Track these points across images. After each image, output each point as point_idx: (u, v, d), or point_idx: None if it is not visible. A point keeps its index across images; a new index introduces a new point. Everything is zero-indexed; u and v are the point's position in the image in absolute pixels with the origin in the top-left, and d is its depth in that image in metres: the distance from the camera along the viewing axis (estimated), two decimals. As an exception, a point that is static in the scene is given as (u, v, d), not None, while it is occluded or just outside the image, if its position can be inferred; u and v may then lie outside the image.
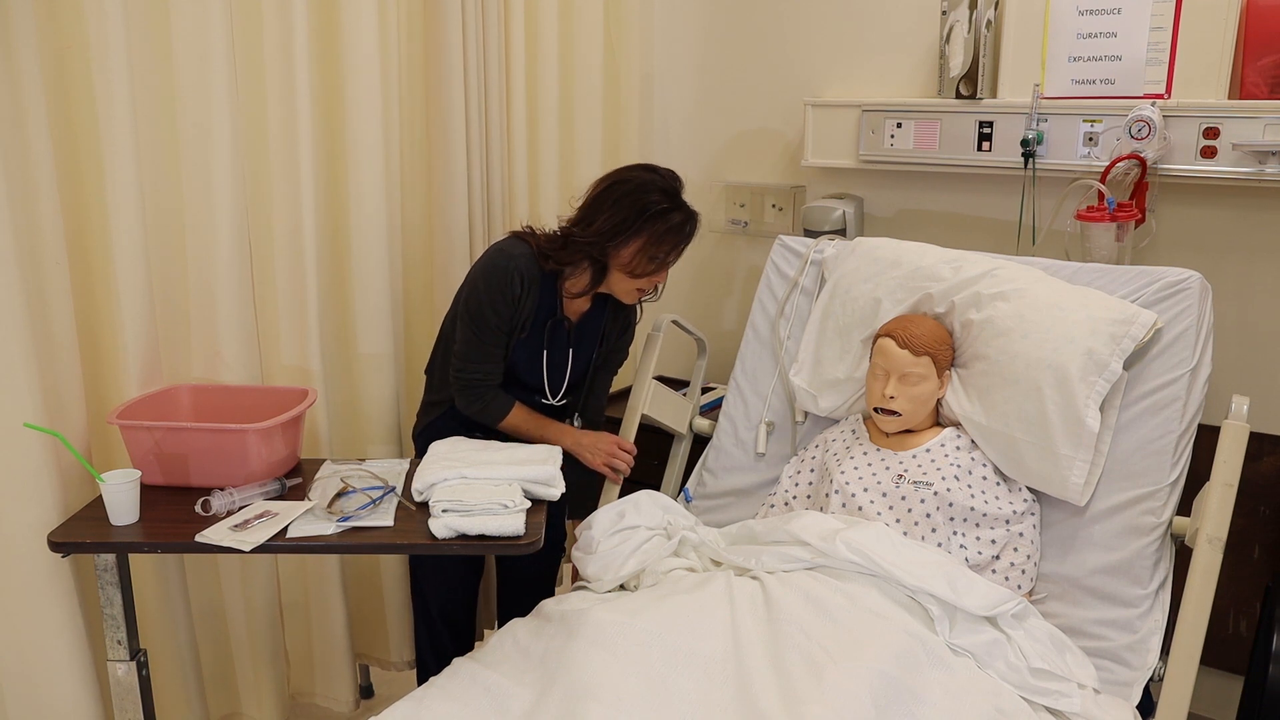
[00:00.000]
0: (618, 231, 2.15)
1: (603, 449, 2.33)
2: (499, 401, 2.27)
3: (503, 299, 2.19)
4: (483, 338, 2.22)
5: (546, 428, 2.31)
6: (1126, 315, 2.10)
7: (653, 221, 2.15)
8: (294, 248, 2.31)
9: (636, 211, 2.14)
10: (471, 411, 2.27)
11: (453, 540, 1.86)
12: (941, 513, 2.08)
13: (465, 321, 2.22)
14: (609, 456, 2.33)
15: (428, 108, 2.57)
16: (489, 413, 2.27)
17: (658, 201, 2.16)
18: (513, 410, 2.28)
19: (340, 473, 2.08)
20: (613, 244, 2.16)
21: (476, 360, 2.24)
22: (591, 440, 2.32)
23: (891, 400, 2.18)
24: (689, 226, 2.20)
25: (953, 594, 1.84)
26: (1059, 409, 2.08)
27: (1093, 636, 2.00)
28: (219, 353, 2.23)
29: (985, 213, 2.81)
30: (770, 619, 1.81)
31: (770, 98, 3.12)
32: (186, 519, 1.88)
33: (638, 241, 2.16)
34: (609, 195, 2.17)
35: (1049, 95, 2.57)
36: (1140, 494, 2.06)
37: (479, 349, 2.23)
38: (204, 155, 2.13)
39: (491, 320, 2.20)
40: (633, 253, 2.17)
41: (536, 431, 2.30)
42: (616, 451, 2.34)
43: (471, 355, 2.23)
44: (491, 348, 2.23)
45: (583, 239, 2.17)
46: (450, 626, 2.50)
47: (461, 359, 2.24)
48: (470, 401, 2.26)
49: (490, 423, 2.28)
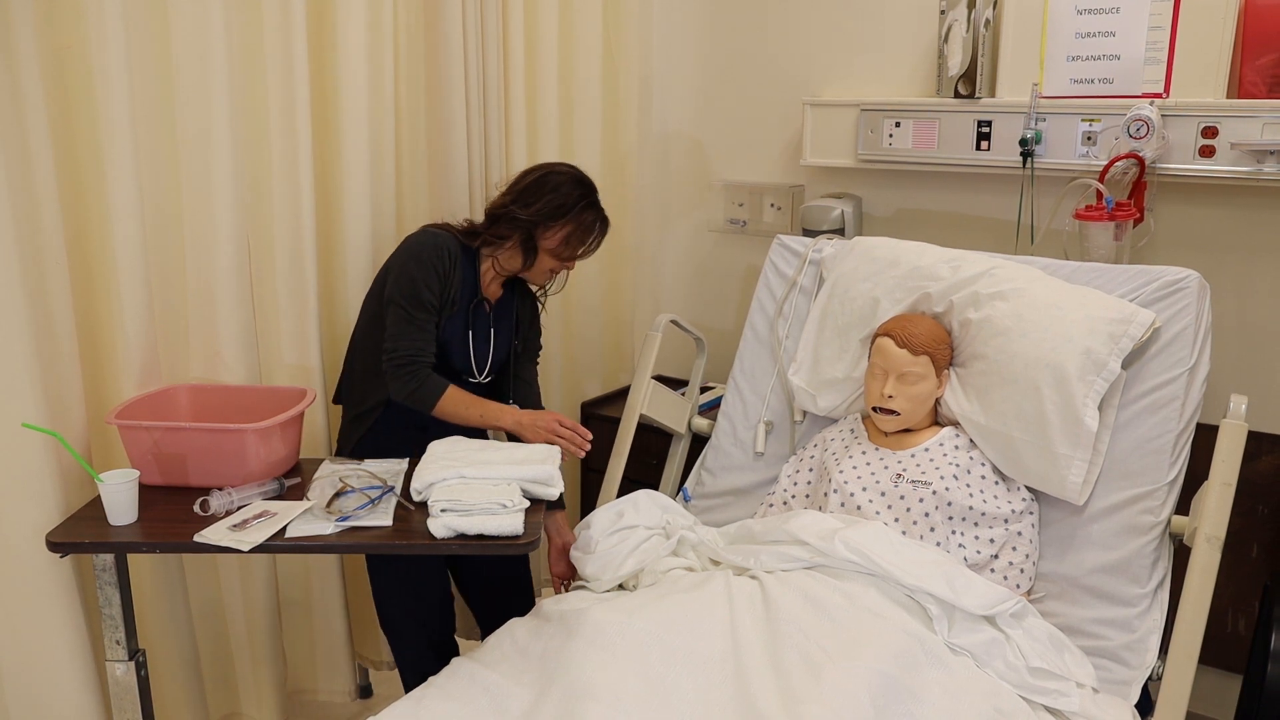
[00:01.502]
0: (556, 214, 2.25)
1: (543, 426, 2.25)
2: (433, 382, 2.21)
3: (434, 274, 2.22)
4: (415, 315, 2.20)
5: (486, 407, 2.25)
6: (1125, 314, 2.10)
7: (585, 211, 2.28)
8: (293, 247, 2.31)
9: (576, 198, 2.27)
10: (405, 394, 2.20)
11: (451, 540, 1.85)
12: (940, 512, 2.08)
13: (396, 304, 2.21)
14: (549, 434, 2.24)
15: (428, 104, 2.57)
16: (423, 393, 2.20)
17: (590, 195, 2.31)
18: (448, 391, 2.22)
19: (339, 472, 2.07)
20: (548, 225, 2.26)
21: (409, 337, 2.20)
22: (532, 418, 2.26)
23: (890, 399, 2.17)
24: (605, 226, 2.35)
25: (951, 593, 1.83)
26: (1057, 408, 2.08)
27: (1091, 635, 2.00)
28: (218, 352, 2.23)
29: (984, 212, 2.81)
30: (769, 618, 1.81)
31: (769, 97, 3.12)
32: (185, 519, 1.88)
33: (569, 227, 2.27)
34: (549, 181, 2.29)
35: (1047, 94, 2.57)
36: (1139, 493, 2.06)
37: (411, 325, 2.20)
38: (203, 154, 2.13)
39: (425, 296, 2.21)
40: (563, 237, 2.27)
41: (475, 410, 2.23)
42: (557, 428, 2.25)
43: (403, 333, 2.20)
44: (425, 325, 2.22)
45: (523, 215, 2.25)
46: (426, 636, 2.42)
47: (393, 340, 2.20)
48: (404, 382, 2.20)
49: (426, 405, 2.21)
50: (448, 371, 2.31)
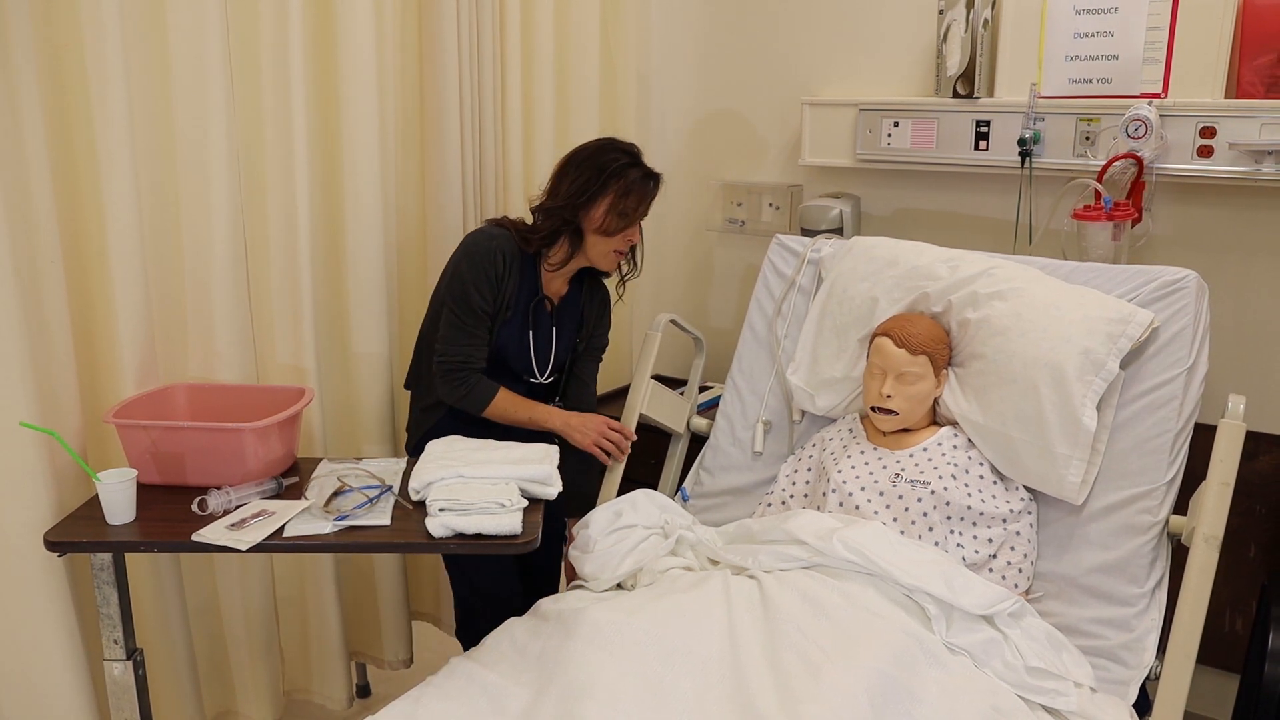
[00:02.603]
0: (583, 191, 2.22)
1: (592, 428, 2.32)
2: (483, 386, 2.25)
3: (486, 279, 2.22)
4: (466, 320, 2.22)
5: (534, 409, 2.30)
6: (1123, 314, 2.11)
7: (616, 177, 2.22)
8: (289, 246, 2.31)
9: (598, 169, 2.22)
10: (455, 398, 2.25)
11: (449, 539, 1.85)
12: (939, 511, 2.08)
13: (449, 307, 2.23)
14: (599, 436, 2.32)
15: (423, 106, 2.57)
16: (473, 398, 2.24)
17: (617, 158, 2.24)
18: (497, 396, 2.26)
19: (337, 472, 2.07)
20: (582, 205, 2.23)
21: (459, 343, 2.23)
22: (580, 420, 2.32)
23: (888, 399, 2.18)
24: (652, 181, 2.27)
25: (950, 593, 1.84)
26: (1056, 408, 2.08)
27: (1089, 635, 2.00)
28: (215, 351, 2.23)
29: (982, 212, 2.81)
30: (767, 618, 1.81)
31: (767, 97, 3.12)
32: (183, 518, 1.88)
33: (606, 199, 2.22)
34: (570, 162, 2.27)
35: (1046, 94, 2.57)
36: (1137, 493, 2.06)
37: (462, 331, 2.23)
38: (200, 152, 2.12)
39: (476, 300, 2.22)
40: (603, 211, 2.23)
41: (524, 413, 2.28)
42: (606, 431, 2.33)
43: (454, 338, 2.23)
44: (475, 330, 2.24)
45: (553, 205, 2.25)
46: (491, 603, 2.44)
47: (445, 343, 2.24)
48: (454, 387, 2.24)
49: (475, 409, 2.25)
50: (505, 373, 2.32)
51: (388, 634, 2.72)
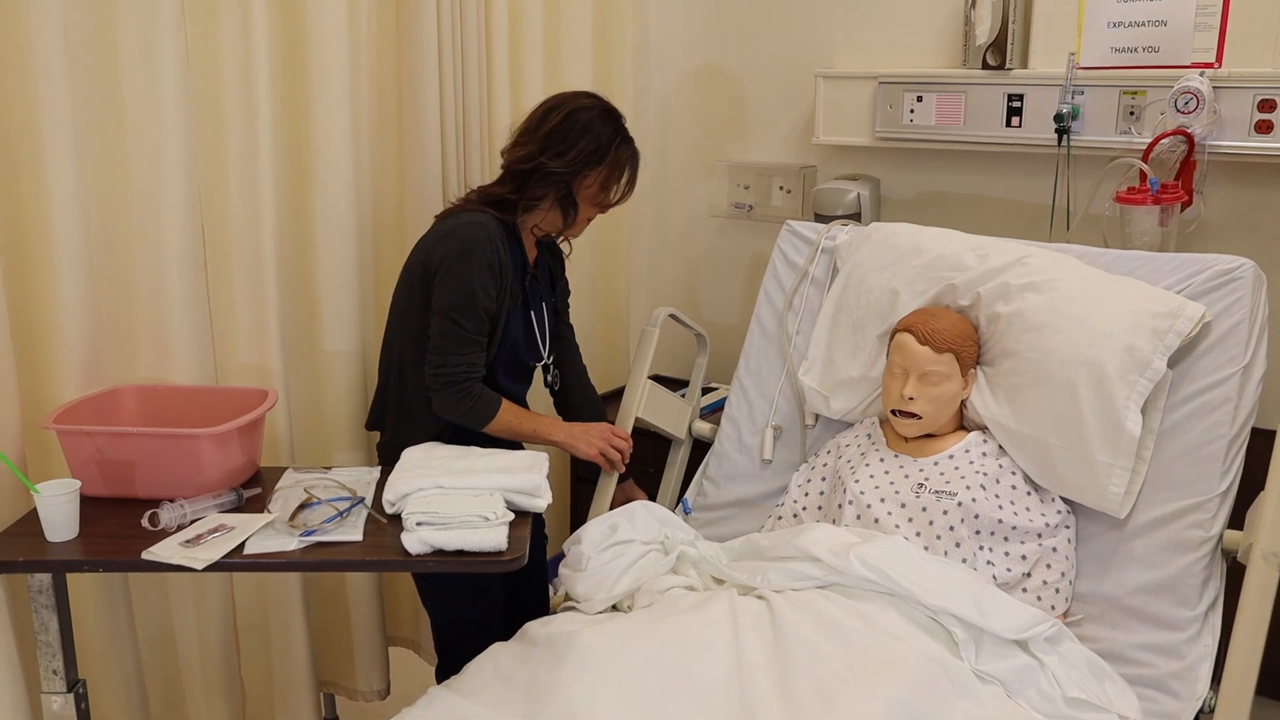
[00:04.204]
0: (594, 159, 2.23)
1: (596, 436, 2.36)
2: (487, 398, 2.24)
3: (491, 274, 2.20)
4: (468, 327, 2.19)
5: (538, 422, 2.31)
6: (1171, 308, 2.10)
7: (620, 148, 2.27)
8: (252, 233, 2.30)
9: (610, 135, 2.25)
10: (458, 413, 2.23)
11: (428, 556, 1.84)
12: (966, 525, 2.08)
13: (449, 316, 2.19)
14: (604, 444, 2.35)
15: (399, 78, 2.57)
16: (478, 411, 2.23)
17: (622, 128, 2.29)
18: (502, 408, 2.26)
19: (303, 482, 2.07)
20: (584, 173, 2.24)
21: (461, 352, 2.20)
22: (583, 430, 2.36)
23: (911, 402, 2.17)
24: (638, 160, 2.33)
25: (979, 615, 1.83)
26: (1096, 411, 2.07)
27: (1135, 663, 1.99)
28: (168, 349, 2.22)
29: (1014, 195, 2.81)
30: (777, 642, 1.81)
31: (777, 68, 3.11)
32: (132, 534, 1.87)
33: (605, 170, 2.26)
34: (578, 120, 2.24)
35: (1086, 65, 2.56)
36: (1187, 505, 2.05)
37: (463, 340, 2.20)
38: (151, 134, 2.11)
39: (483, 302, 2.20)
40: (600, 182, 2.27)
41: (528, 426, 2.29)
42: (611, 438, 2.37)
43: (455, 348, 2.20)
44: (477, 336, 2.22)
45: (557, 167, 2.21)
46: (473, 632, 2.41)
47: (443, 354, 2.20)
48: (457, 401, 2.21)
49: (480, 422, 2.24)
50: (518, 368, 2.35)
51: (361, 662, 2.71)
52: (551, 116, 2.24)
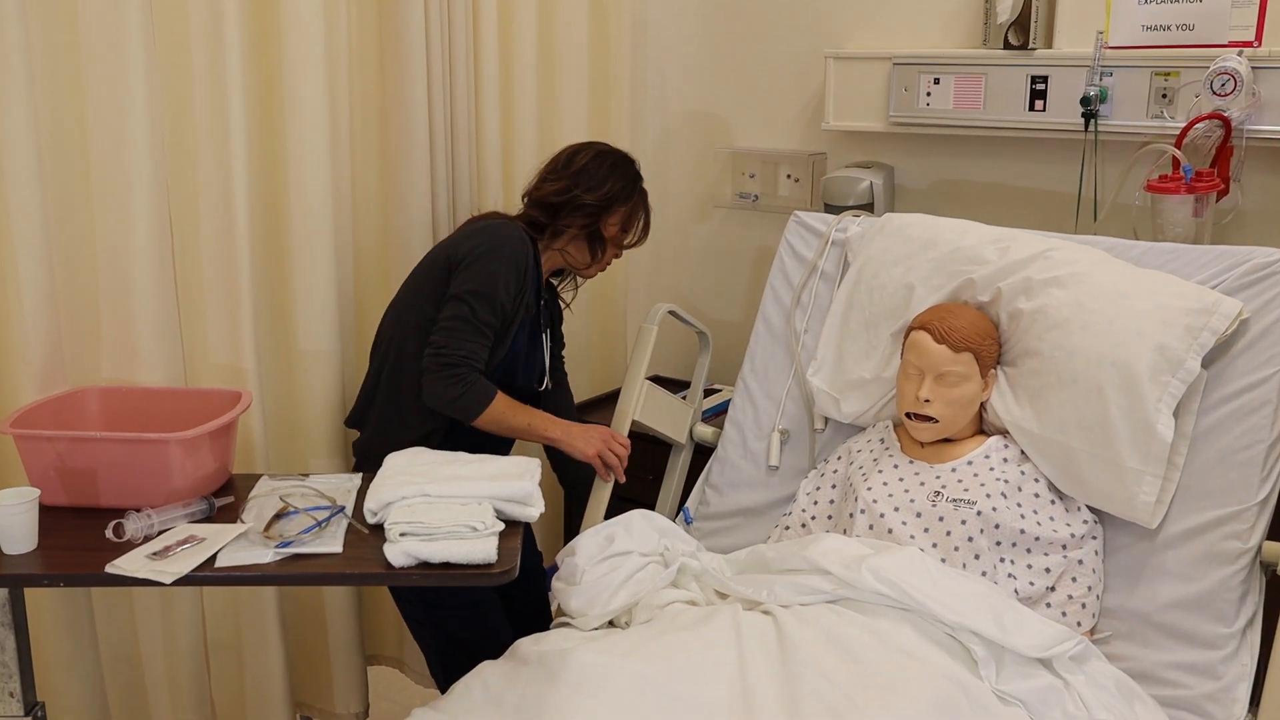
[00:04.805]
0: (621, 197, 2.43)
1: (596, 437, 2.40)
2: (481, 386, 2.28)
3: (517, 280, 2.32)
4: (480, 319, 2.27)
5: (533, 416, 2.36)
6: (1206, 304, 2.10)
7: (641, 191, 2.49)
8: (223, 225, 2.30)
9: (631, 177, 2.47)
10: (448, 398, 2.26)
11: (412, 569, 1.84)
12: (986, 536, 2.08)
13: (465, 301, 2.27)
14: (603, 446, 2.39)
15: (382, 61, 2.57)
16: (469, 399, 2.26)
17: (639, 175, 2.50)
18: (496, 398, 2.29)
19: (279, 490, 2.07)
20: (612, 210, 2.43)
21: (467, 339, 2.27)
22: (582, 429, 2.40)
23: (927, 404, 2.18)
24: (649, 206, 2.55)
25: (1000, 632, 1.84)
26: (1125, 414, 2.08)
27: (1167, 683, 1.99)
28: (134, 349, 2.22)
29: (1038, 184, 2.81)
30: (785, 661, 1.81)
31: (785, 48, 3.11)
32: (95, 546, 1.87)
33: (627, 208, 2.46)
34: (606, 159, 2.46)
35: (1115, 44, 2.56)
36: (1222, 515, 2.05)
37: (473, 329, 2.27)
38: (116, 121, 2.12)
39: (502, 301, 2.29)
40: (621, 222, 2.47)
41: (522, 419, 2.34)
42: (611, 442, 2.41)
43: (463, 333, 2.26)
44: (486, 332, 2.29)
45: (590, 200, 2.40)
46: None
47: (447, 335, 2.26)
48: (450, 384, 2.25)
49: (470, 412, 2.28)
50: (509, 389, 2.37)
51: (340, 682, 2.71)
52: (580, 156, 2.45)
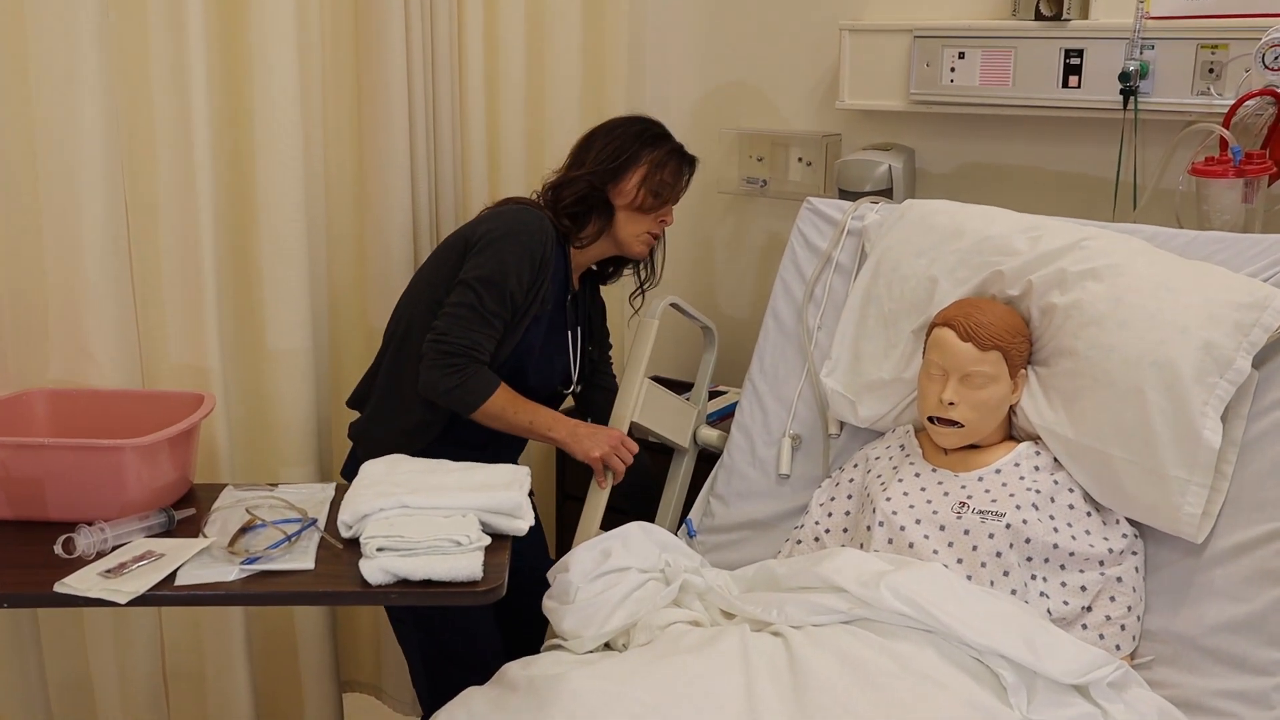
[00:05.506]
0: (616, 158, 2.44)
1: (604, 439, 2.41)
2: (480, 379, 2.30)
3: (531, 265, 2.35)
4: (488, 307, 2.30)
5: (536, 412, 2.37)
6: (1257, 298, 2.10)
7: (650, 146, 2.48)
8: (185, 215, 2.31)
9: (633, 137, 2.47)
10: (445, 388, 2.28)
11: (390, 587, 1.85)
12: (1016, 551, 2.08)
13: (472, 288, 2.30)
14: (611, 450, 2.40)
15: (358, 37, 2.58)
16: (468, 389, 2.28)
17: (650, 127, 2.51)
18: (498, 390, 2.31)
19: (245, 502, 2.07)
20: (616, 177, 2.45)
21: (472, 327, 2.29)
22: (590, 430, 2.42)
23: (951, 408, 2.17)
24: (688, 156, 2.54)
25: (1031, 656, 1.83)
26: (1168, 419, 2.07)
27: (1216, 712, 1.98)
28: (86, 348, 2.22)
29: (1072, 167, 2.81)
30: (796, 686, 1.81)
31: (796, 21, 3.12)
32: (42, 563, 1.86)
33: (639, 170, 2.46)
34: (598, 133, 2.50)
35: (1157, 14, 2.56)
36: (1275, 529, 2.04)
37: (479, 318, 2.30)
38: (64, 102, 2.12)
39: (513, 288, 2.32)
40: (636, 184, 2.46)
41: (525, 416, 2.35)
42: (619, 446, 2.42)
43: (467, 321, 2.29)
44: (493, 321, 2.32)
45: (581, 172, 2.44)
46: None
47: (451, 322, 2.29)
48: (448, 373, 2.28)
49: (468, 404, 2.30)
50: (518, 388, 2.39)
51: (312, 710, 2.72)
52: (584, 137, 2.53)
